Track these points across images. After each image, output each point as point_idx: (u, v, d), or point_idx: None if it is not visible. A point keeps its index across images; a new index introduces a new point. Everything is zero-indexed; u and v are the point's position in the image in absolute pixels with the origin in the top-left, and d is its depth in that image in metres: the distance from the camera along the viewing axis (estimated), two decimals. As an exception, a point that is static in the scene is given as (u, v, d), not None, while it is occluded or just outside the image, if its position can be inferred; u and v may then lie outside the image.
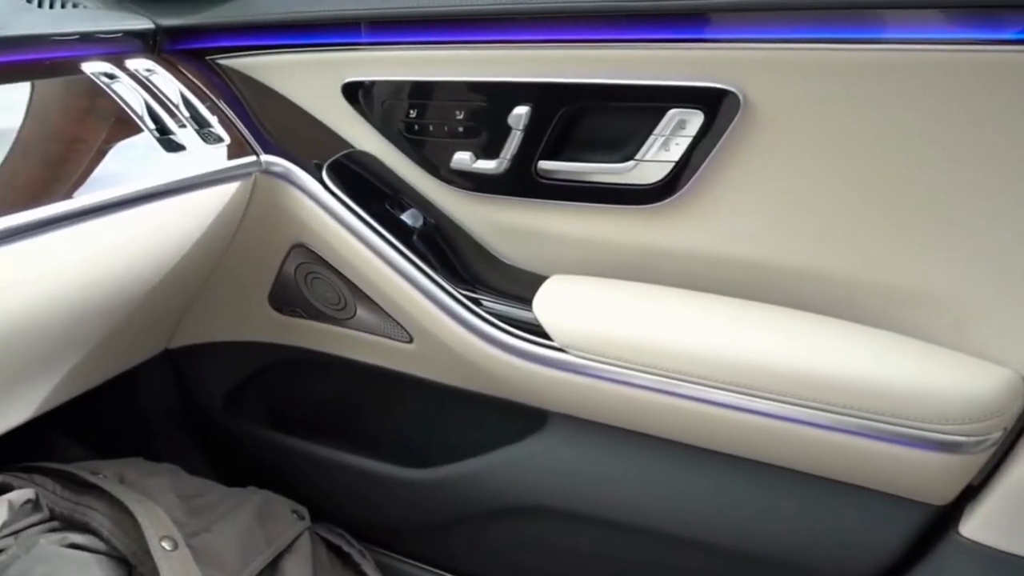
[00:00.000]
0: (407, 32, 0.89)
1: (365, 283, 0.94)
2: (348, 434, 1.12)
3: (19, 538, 0.96)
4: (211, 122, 0.92)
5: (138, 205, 0.84)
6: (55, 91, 0.88)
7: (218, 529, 1.02)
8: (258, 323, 1.08)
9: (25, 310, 0.84)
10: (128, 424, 1.28)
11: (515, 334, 0.89)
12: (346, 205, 0.91)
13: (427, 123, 0.91)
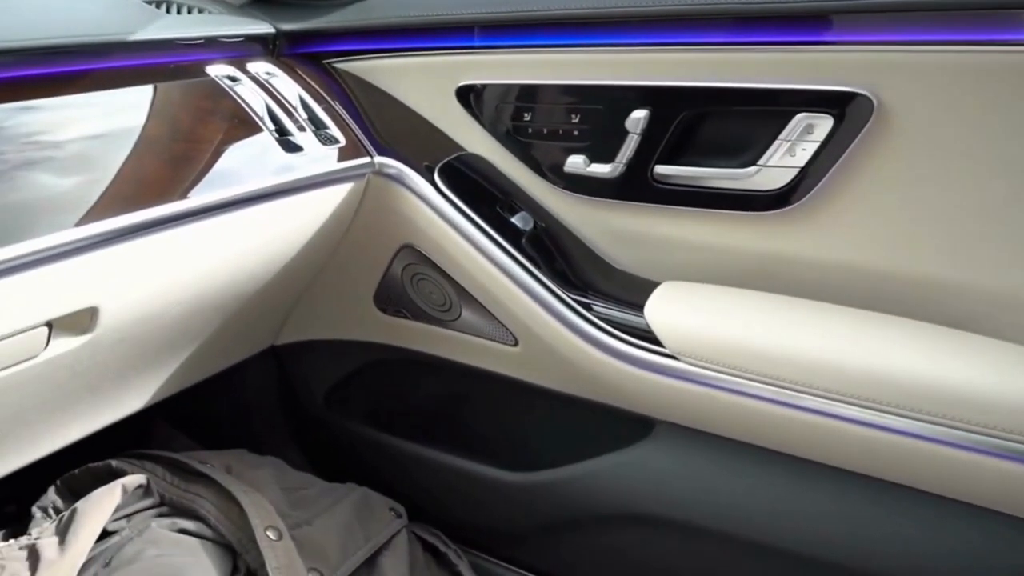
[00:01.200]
0: (522, 35, 0.88)
1: (472, 285, 0.93)
2: (448, 435, 1.11)
3: (131, 521, 0.97)
4: (327, 124, 0.92)
5: (258, 203, 0.84)
6: (182, 92, 0.89)
7: (319, 523, 1.02)
8: (362, 322, 1.08)
9: (146, 303, 0.85)
10: (231, 417, 1.29)
11: (625, 340, 0.86)
12: (456, 207, 0.89)
13: (541, 126, 0.89)
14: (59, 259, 0.72)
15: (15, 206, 0.71)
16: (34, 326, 0.76)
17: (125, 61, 0.89)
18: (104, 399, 0.99)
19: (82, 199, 0.75)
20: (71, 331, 0.80)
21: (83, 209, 0.74)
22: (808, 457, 0.84)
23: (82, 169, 0.77)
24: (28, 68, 0.81)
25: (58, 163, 0.76)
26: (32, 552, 0.89)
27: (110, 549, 0.93)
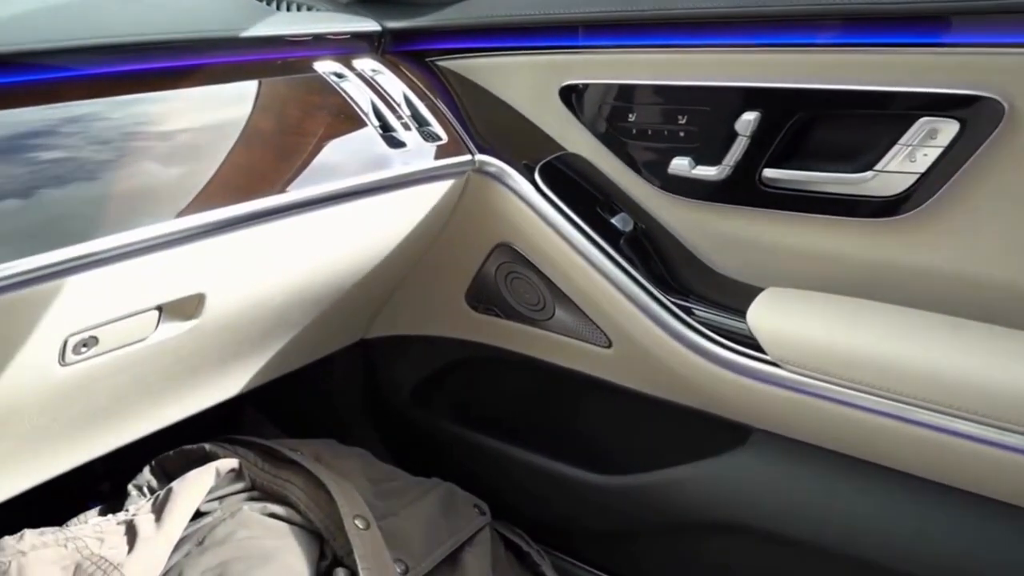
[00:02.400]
0: (627, 35, 0.86)
1: (568, 285, 0.91)
2: (534, 434, 1.09)
3: (223, 503, 0.98)
4: (430, 121, 0.92)
5: (361, 197, 0.84)
6: (291, 87, 0.90)
7: (405, 515, 1.02)
8: (453, 320, 1.07)
9: (250, 292, 0.86)
10: (317, 409, 1.30)
11: (726, 345, 0.83)
12: (555, 206, 0.88)
13: (646, 127, 0.87)
14: (171, 246, 0.72)
15: (130, 194, 0.72)
16: (146, 309, 0.77)
17: (237, 56, 0.90)
18: (202, 384, 1.00)
19: (194, 189, 0.75)
20: (179, 316, 0.81)
21: (195, 198, 0.75)
22: (917, 473, 0.80)
23: (194, 160, 0.77)
24: (144, 62, 0.82)
25: (170, 154, 0.77)
26: (129, 527, 0.91)
27: (203, 529, 0.94)
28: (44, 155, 0.70)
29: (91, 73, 0.79)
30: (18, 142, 0.69)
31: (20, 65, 0.74)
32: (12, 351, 0.70)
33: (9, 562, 0.85)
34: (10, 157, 0.68)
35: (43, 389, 0.77)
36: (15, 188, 0.66)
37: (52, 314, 0.69)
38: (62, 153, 0.71)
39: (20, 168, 0.67)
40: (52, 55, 0.76)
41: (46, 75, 0.76)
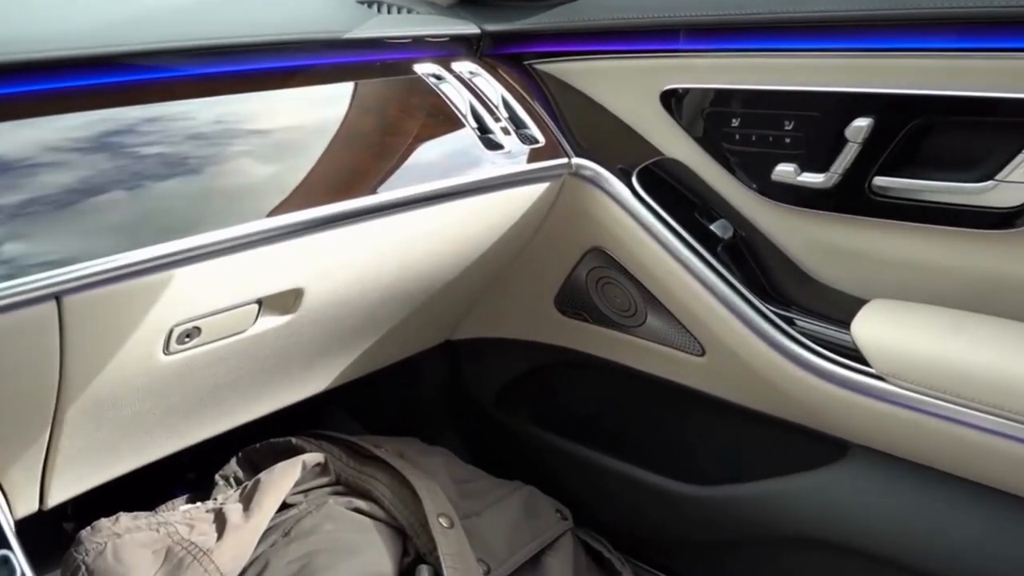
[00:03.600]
0: (730, 39, 0.84)
1: (661, 291, 0.89)
2: (619, 441, 1.07)
3: (309, 496, 0.99)
4: (527, 124, 0.91)
5: (459, 198, 0.84)
6: (391, 89, 0.90)
7: (488, 515, 1.01)
8: (541, 323, 1.06)
9: (346, 288, 0.86)
10: (400, 407, 1.30)
11: (828, 357, 0.80)
12: (653, 211, 0.86)
13: (749, 133, 0.85)
14: (274, 241, 0.73)
15: (235, 190, 0.73)
16: (247, 302, 0.78)
17: (338, 58, 0.90)
18: (294, 378, 1.01)
19: (296, 186, 0.76)
20: (277, 310, 0.82)
21: (297, 196, 0.75)
22: (1030, 497, 0.76)
23: (296, 158, 0.78)
24: (249, 63, 0.83)
25: (273, 152, 0.77)
26: (218, 515, 0.92)
27: (289, 520, 0.94)
28: (152, 150, 0.71)
29: (200, 73, 0.80)
30: (129, 138, 0.71)
31: (134, 65, 0.75)
32: (121, 339, 0.71)
33: (105, 543, 0.86)
34: (121, 152, 0.69)
35: (146, 377, 0.78)
36: (125, 181, 0.68)
37: (161, 304, 0.70)
38: (170, 149, 0.72)
39: (131, 162, 0.69)
40: (164, 55, 0.77)
41: (158, 75, 0.77)
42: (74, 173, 0.65)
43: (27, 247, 0.60)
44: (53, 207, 0.63)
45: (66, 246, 0.62)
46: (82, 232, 0.63)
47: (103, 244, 0.63)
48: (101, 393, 0.75)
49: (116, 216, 0.65)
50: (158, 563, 0.86)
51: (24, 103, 0.68)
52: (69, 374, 0.69)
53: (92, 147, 0.68)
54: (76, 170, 0.66)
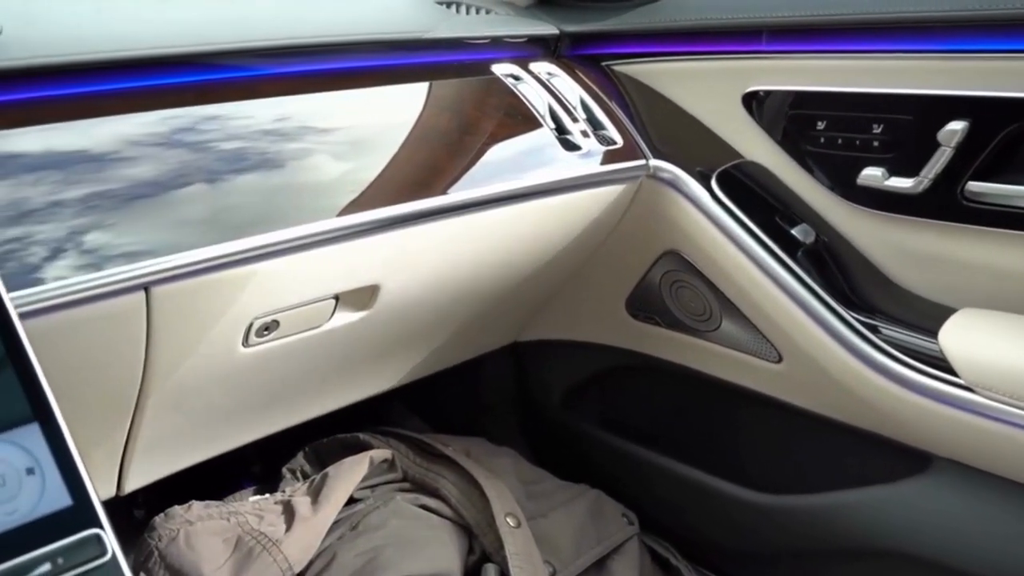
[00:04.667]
0: (815, 40, 0.82)
1: (738, 296, 0.87)
2: (688, 447, 1.05)
3: (375, 491, 0.99)
4: (605, 125, 0.90)
5: (536, 198, 0.84)
6: (469, 89, 0.90)
7: (554, 517, 1.00)
8: (611, 326, 1.04)
9: (421, 286, 0.86)
10: (464, 407, 1.30)
11: (913, 366, 0.77)
12: (732, 214, 0.85)
13: (835, 136, 0.82)
14: (353, 237, 0.73)
15: (316, 186, 0.73)
16: (325, 297, 0.79)
17: (417, 58, 0.91)
18: (364, 374, 1.01)
19: (376, 184, 0.76)
20: (353, 306, 0.83)
21: (377, 193, 0.75)
22: None
23: (375, 156, 0.78)
24: (330, 63, 0.84)
25: (352, 150, 0.78)
26: (287, 507, 0.92)
27: (357, 514, 0.95)
28: (233, 147, 0.72)
29: (280, 72, 0.81)
30: (210, 134, 0.72)
31: (216, 64, 0.76)
32: (204, 330, 0.72)
33: (178, 530, 0.87)
34: (203, 148, 0.70)
35: (225, 368, 0.79)
36: (208, 176, 0.69)
37: (244, 297, 0.71)
38: (251, 146, 0.73)
39: (213, 158, 0.70)
40: (246, 55, 0.78)
41: (240, 73, 0.78)
42: (158, 167, 0.67)
43: (113, 237, 0.62)
44: (137, 199, 0.64)
45: (151, 237, 0.63)
46: (166, 224, 0.64)
47: (188, 237, 0.64)
48: (182, 383, 0.76)
49: (198, 210, 0.66)
50: (228, 551, 0.87)
51: (110, 100, 0.69)
52: (153, 363, 0.70)
53: (175, 143, 0.69)
54: (160, 164, 0.67)
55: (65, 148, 0.64)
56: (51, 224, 0.60)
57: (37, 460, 0.46)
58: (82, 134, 0.66)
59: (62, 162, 0.63)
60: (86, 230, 0.61)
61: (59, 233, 0.60)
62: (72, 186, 0.62)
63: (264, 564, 0.84)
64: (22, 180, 0.61)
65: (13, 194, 0.59)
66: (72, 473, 0.46)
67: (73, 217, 0.61)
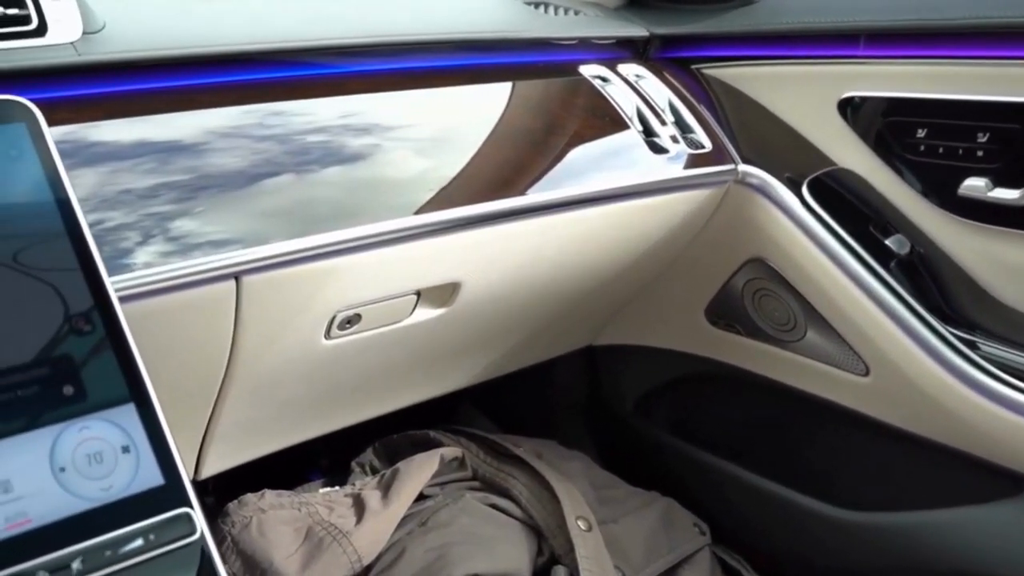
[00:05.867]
0: (918, 46, 0.79)
1: (826, 306, 0.85)
2: (765, 458, 1.03)
3: (445, 489, 0.99)
4: (694, 128, 0.89)
5: (621, 200, 0.83)
6: (557, 89, 0.89)
7: (625, 523, 0.99)
8: (689, 333, 1.02)
9: (501, 285, 0.85)
10: (535, 409, 1.29)
11: (1013, 385, 0.74)
12: (823, 222, 0.82)
13: (936, 144, 0.79)
14: (437, 234, 0.73)
15: (401, 183, 0.73)
16: (407, 293, 0.79)
17: (504, 57, 0.90)
18: (439, 372, 1.01)
19: (459, 181, 0.76)
20: (434, 303, 0.82)
21: (462, 190, 0.75)
22: None
23: (459, 154, 0.78)
24: (419, 61, 0.84)
25: (436, 148, 0.78)
26: (357, 500, 0.92)
27: (426, 511, 0.94)
28: (320, 142, 0.73)
29: (367, 70, 0.81)
30: (298, 129, 0.72)
31: (304, 61, 0.77)
32: (289, 321, 0.72)
33: (251, 517, 0.88)
34: (291, 142, 0.71)
35: (306, 360, 0.79)
36: (295, 169, 0.69)
37: (329, 289, 0.71)
38: (337, 142, 0.74)
39: (300, 153, 0.71)
40: (333, 52, 0.78)
41: (327, 70, 0.79)
42: (245, 159, 0.68)
43: (202, 226, 0.62)
44: (225, 190, 0.65)
45: (241, 227, 0.64)
46: (253, 215, 0.65)
47: (274, 228, 0.65)
48: (264, 372, 0.76)
49: (283, 202, 0.67)
50: (299, 541, 0.87)
51: (202, 94, 0.70)
52: (239, 351, 0.70)
53: (261, 136, 0.70)
54: (247, 156, 0.68)
55: (159, 138, 0.66)
56: (144, 211, 0.61)
57: (132, 439, 0.47)
58: (175, 126, 0.67)
59: (156, 152, 0.65)
60: (177, 218, 0.62)
61: (151, 221, 0.61)
62: (164, 175, 0.63)
63: (334, 555, 0.85)
64: (118, 168, 0.62)
65: (109, 181, 0.61)
66: (165, 453, 0.47)
67: (165, 205, 0.62)
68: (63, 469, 0.44)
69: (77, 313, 0.48)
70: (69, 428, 0.46)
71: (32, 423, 0.45)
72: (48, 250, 0.49)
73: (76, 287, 0.49)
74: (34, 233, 0.49)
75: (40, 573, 0.42)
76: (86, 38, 0.65)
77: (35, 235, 0.49)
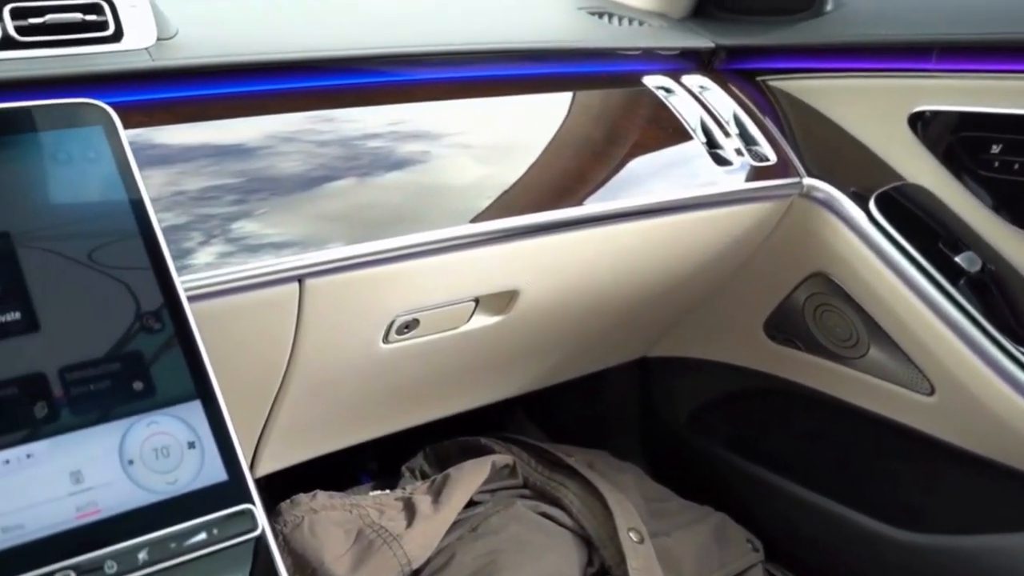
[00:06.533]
0: (992, 60, 0.77)
1: (891, 323, 0.83)
2: (823, 476, 1.00)
3: (495, 496, 0.99)
4: (758, 141, 0.88)
5: (684, 212, 0.82)
6: (620, 99, 0.89)
7: (677, 537, 0.98)
8: (746, 348, 1.01)
9: (558, 294, 0.85)
10: (586, 420, 1.28)
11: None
12: (890, 238, 0.80)
13: (1012, 161, 0.77)
14: (497, 242, 0.73)
15: (463, 190, 0.73)
16: (465, 300, 0.79)
17: (568, 67, 0.90)
18: (493, 379, 1.01)
19: (520, 190, 0.76)
20: (492, 310, 0.82)
21: (523, 198, 0.75)
22: None
23: (521, 163, 0.78)
24: (485, 70, 0.84)
25: (499, 156, 0.78)
26: (407, 504, 0.92)
27: (477, 517, 0.94)
28: (386, 148, 0.73)
29: (433, 78, 0.82)
30: (363, 135, 0.73)
31: (373, 69, 0.78)
32: (350, 324, 0.73)
33: (302, 517, 0.89)
34: (355, 147, 0.72)
35: (364, 363, 0.80)
36: (360, 175, 0.70)
37: (389, 294, 0.71)
38: (403, 148, 0.74)
39: (366, 159, 0.71)
40: (399, 60, 0.79)
41: (393, 78, 0.80)
42: (309, 164, 0.68)
43: (265, 228, 0.63)
44: (290, 192, 0.66)
45: (303, 230, 0.64)
46: (317, 218, 0.66)
47: (338, 231, 0.65)
48: (322, 374, 0.77)
49: (346, 206, 0.68)
50: (349, 542, 0.88)
51: (270, 99, 0.72)
52: (298, 353, 0.71)
53: (327, 142, 0.71)
54: (312, 161, 0.69)
55: (226, 142, 0.67)
56: (209, 212, 0.62)
57: (198, 435, 0.48)
58: (243, 130, 0.68)
59: (221, 155, 0.66)
60: (241, 220, 0.63)
61: (216, 222, 0.62)
62: (228, 178, 0.65)
63: (384, 558, 0.85)
64: (185, 171, 0.63)
65: (176, 183, 0.62)
66: (229, 450, 0.48)
67: (229, 207, 0.63)
68: (131, 462, 0.45)
69: (148, 311, 0.49)
70: (138, 422, 0.47)
71: (103, 416, 0.46)
72: (122, 249, 0.50)
73: (148, 286, 0.50)
74: (109, 232, 0.50)
75: (108, 562, 0.43)
76: (160, 44, 0.67)
77: (110, 234, 0.50)
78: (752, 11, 0.95)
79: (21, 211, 0.49)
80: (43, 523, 0.42)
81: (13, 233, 0.48)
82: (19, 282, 0.47)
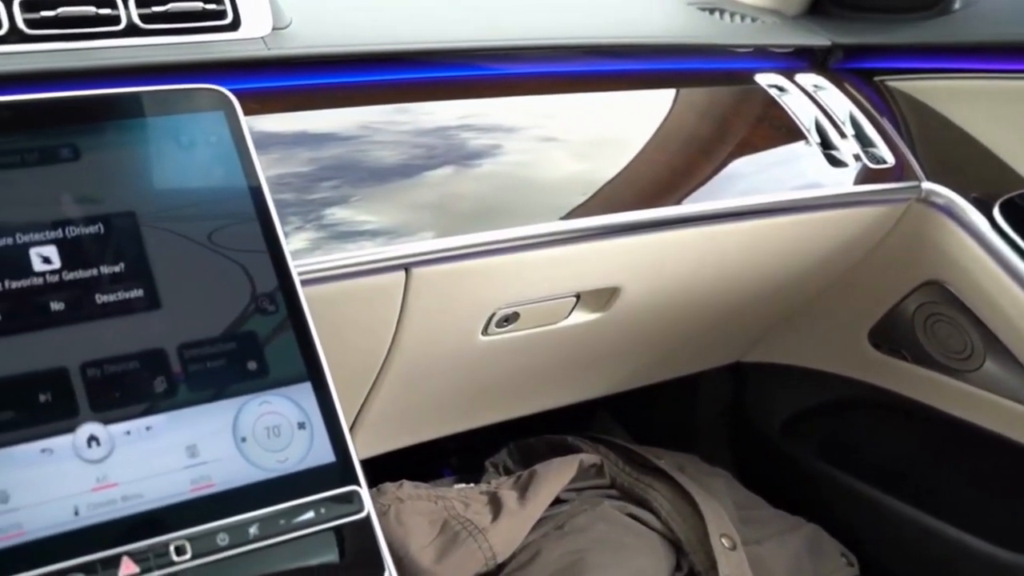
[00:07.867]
0: None
1: (1012, 336, 0.79)
2: (927, 493, 0.96)
3: (581, 495, 0.97)
4: (875, 143, 0.84)
5: (795, 213, 0.79)
6: (731, 97, 0.87)
7: (768, 546, 0.94)
8: (848, 356, 0.97)
9: (659, 293, 0.83)
10: (675, 423, 1.25)
11: None
12: (1016, 247, 0.76)
13: None
14: (600, 237, 0.72)
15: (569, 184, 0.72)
16: (567, 295, 0.78)
17: (678, 63, 0.88)
18: (588, 376, 1.00)
19: (626, 186, 0.75)
20: (592, 307, 0.81)
21: (631, 195, 0.73)
22: None
23: (624, 158, 0.77)
24: (590, 64, 0.83)
25: (605, 152, 0.77)
26: (493, 499, 0.92)
27: (563, 515, 0.93)
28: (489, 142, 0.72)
29: (537, 72, 0.81)
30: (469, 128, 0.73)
31: (479, 62, 0.78)
32: (451, 315, 0.72)
33: (389, 505, 0.89)
34: (460, 139, 0.71)
35: (461, 355, 0.79)
36: (461, 166, 0.69)
37: (491, 286, 0.71)
38: (506, 143, 0.73)
39: (470, 151, 0.71)
40: (504, 53, 0.78)
41: (501, 72, 0.79)
42: (415, 155, 0.68)
43: (370, 216, 0.63)
44: (392, 180, 0.66)
45: (407, 219, 0.64)
46: (420, 208, 0.65)
47: (441, 222, 0.65)
48: (421, 364, 0.77)
49: (449, 197, 0.67)
50: (434, 533, 0.87)
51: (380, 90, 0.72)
52: (399, 342, 0.71)
53: (434, 133, 0.71)
54: (416, 152, 0.68)
55: (336, 131, 0.67)
56: (318, 199, 0.62)
57: (308, 416, 0.48)
58: (353, 119, 0.69)
59: (328, 143, 0.66)
60: (347, 208, 0.63)
61: (325, 209, 0.62)
62: (335, 165, 0.65)
63: (469, 550, 0.84)
64: (295, 157, 0.64)
65: (286, 170, 0.63)
66: (337, 432, 0.48)
67: (334, 193, 0.63)
68: (244, 439, 0.46)
69: (263, 293, 0.50)
70: (251, 401, 0.47)
71: (218, 394, 0.46)
72: (239, 232, 0.50)
73: (263, 269, 0.50)
74: (228, 216, 0.51)
75: (221, 535, 0.43)
76: (275, 33, 0.68)
77: (228, 217, 0.51)
78: (873, 9, 0.91)
79: (145, 192, 0.50)
80: (160, 493, 0.43)
81: (139, 213, 0.48)
82: (143, 261, 0.47)
